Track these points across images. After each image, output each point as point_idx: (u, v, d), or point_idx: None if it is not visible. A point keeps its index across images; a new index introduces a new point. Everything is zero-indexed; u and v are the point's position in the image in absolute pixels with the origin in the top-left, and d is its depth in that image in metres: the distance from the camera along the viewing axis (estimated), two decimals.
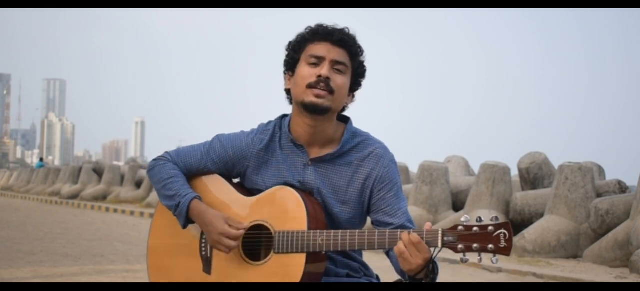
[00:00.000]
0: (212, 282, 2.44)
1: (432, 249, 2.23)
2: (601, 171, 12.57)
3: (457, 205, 12.81)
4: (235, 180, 2.59)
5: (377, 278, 2.59)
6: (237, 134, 2.56)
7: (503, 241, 2.17)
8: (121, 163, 44.27)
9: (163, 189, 2.51)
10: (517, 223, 11.28)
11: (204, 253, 2.47)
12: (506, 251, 2.17)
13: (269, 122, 2.56)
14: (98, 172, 29.48)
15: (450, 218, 12.03)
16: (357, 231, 2.31)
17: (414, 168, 14.14)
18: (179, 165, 2.56)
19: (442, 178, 12.75)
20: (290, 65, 2.49)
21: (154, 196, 22.06)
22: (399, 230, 2.27)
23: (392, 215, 2.46)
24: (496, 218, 2.20)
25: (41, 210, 21.57)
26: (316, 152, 2.48)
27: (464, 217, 2.23)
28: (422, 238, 2.22)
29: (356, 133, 2.52)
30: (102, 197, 26.04)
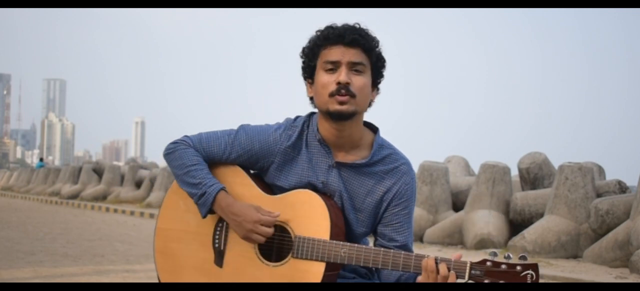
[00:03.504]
0: (223, 281, 2.40)
1: (458, 280, 2.23)
2: (601, 171, 12.56)
3: (457, 205, 12.81)
4: (253, 172, 2.52)
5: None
6: (263, 128, 2.49)
7: (529, 281, 2.17)
8: (121, 163, 44.22)
9: (186, 175, 2.42)
10: (517, 223, 11.28)
11: (217, 245, 2.42)
12: None
13: (297, 118, 2.51)
14: (98, 172, 29.45)
15: (450, 218, 12.03)
16: (382, 249, 2.29)
17: (414, 168, 14.13)
18: (200, 153, 2.47)
19: (442, 178, 12.74)
20: (309, 72, 2.44)
21: (154, 196, 22.04)
22: (426, 256, 2.25)
23: (400, 232, 2.44)
24: (524, 257, 2.19)
25: (41, 210, 21.55)
26: (342, 156, 2.45)
27: (491, 251, 2.22)
28: (450, 267, 2.21)
29: (383, 144, 2.48)
30: (102, 197, 26.02)
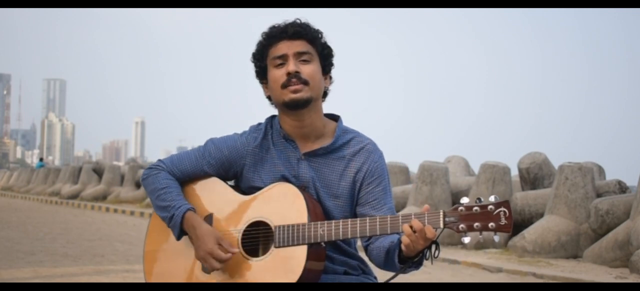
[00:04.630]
0: (212, 282, 2.43)
1: (436, 230, 2.25)
2: (601, 171, 12.56)
3: None
4: (230, 183, 2.60)
5: (375, 277, 2.60)
6: (230, 136, 2.58)
7: (503, 218, 2.20)
8: (121, 163, 44.25)
9: (157, 199, 2.50)
10: (517, 223, 11.27)
11: None
12: (507, 228, 2.20)
13: (260, 123, 2.60)
14: (98, 172, 29.47)
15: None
16: (358, 219, 2.33)
17: (414, 168, 14.13)
18: (174, 172, 2.55)
19: (442, 178, 12.75)
20: (261, 74, 2.55)
21: None
22: (400, 214, 2.29)
23: (378, 209, 2.49)
24: (495, 197, 2.23)
25: (41, 210, 21.57)
26: (308, 147, 2.51)
27: (464, 199, 2.25)
28: (424, 221, 2.23)
29: (347, 130, 2.57)
30: (102, 197, 26.04)
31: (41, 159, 47.39)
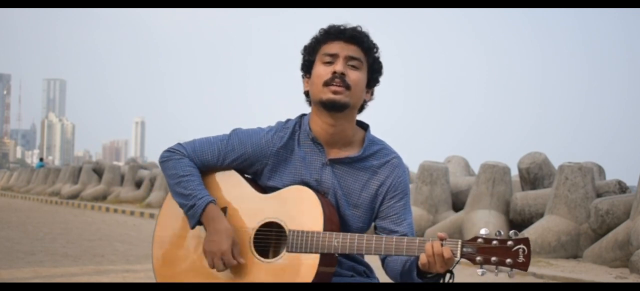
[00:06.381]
0: (220, 282, 2.41)
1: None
2: (601, 171, 12.56)
3: (457, 205, 12.81)
4: (249, 176, 2.56)
5: (377, 278, 2.60)
6: (256, 131, 2.53)
7: (521, 256, 2.19)
8: (121, 163, 44.26)
9: (177, 186, 2.46)
10: (517, 223, 11.28)
11: None
12: (524, 266, 2.19)
13: (288, 120, 2.55)
14: (98, 172, 29.46)
15: (450, 218, 12.03)
16: (374, 236, 2.32)
17: (414, 168, 14.13)
18: (195, 162, 2.50)
19: (442, 178, 12.74)
20: (307, 67, 2.50)
21: (154, 196, 22.04)
22: (418, 238, 2.27)
23: (397, 223, 2.47)
24: (515, 233, 2.20)
25: (41, 210, 21.56)
26: (335, 153, 2.48)
27: (483, 230, 2.23)
28: (443, 245, 2.22)
29: (375, 140, 2.53)
30: (102, 197, 26.02)
31: (41, 159, 47.36)
